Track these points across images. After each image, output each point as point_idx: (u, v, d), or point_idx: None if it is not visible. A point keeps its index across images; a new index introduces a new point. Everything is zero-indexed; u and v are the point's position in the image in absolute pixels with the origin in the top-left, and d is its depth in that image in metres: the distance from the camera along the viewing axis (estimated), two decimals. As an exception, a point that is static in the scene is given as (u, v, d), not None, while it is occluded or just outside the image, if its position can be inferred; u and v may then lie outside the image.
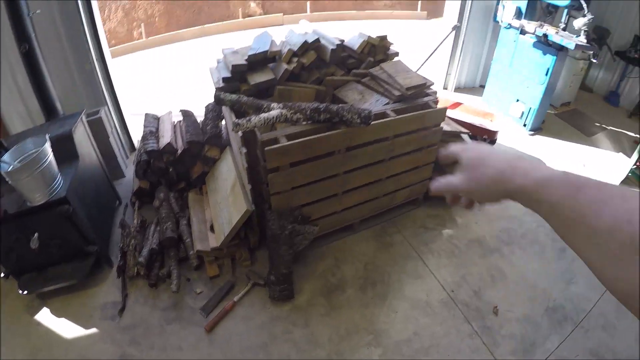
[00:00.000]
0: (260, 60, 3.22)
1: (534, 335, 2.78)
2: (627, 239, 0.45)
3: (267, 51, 3.19)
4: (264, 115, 2.57)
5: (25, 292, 2.87)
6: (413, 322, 2.85)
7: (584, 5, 4.12)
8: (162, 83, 7.00)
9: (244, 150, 2.74)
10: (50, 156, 2.69)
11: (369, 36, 3.41)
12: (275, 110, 2.62)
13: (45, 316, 2.93)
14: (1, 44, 3.42)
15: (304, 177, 2.82)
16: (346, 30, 3.85)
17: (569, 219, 0.54)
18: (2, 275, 2.95)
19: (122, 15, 9.36)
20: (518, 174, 0.64)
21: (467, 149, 0.78)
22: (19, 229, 2.70)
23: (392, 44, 3.62)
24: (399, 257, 3.33)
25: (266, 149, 2.50)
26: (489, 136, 4.23)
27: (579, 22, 4.23)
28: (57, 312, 2.95)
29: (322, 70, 3.36)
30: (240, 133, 2.66)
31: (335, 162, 2.86)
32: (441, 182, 0.79)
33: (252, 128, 2.54)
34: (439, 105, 3.17)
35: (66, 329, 2.84)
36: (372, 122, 2.68)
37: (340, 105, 2.65)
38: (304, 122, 2.70)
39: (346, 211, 3.29)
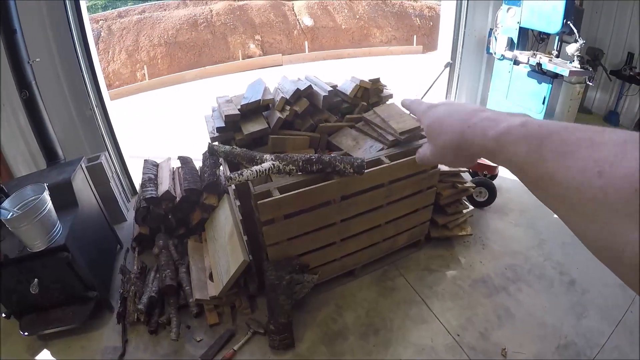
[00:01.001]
0: (253, 109, 3.26)
1: (545, 376, 2.68)
2: (599, 195, 0.39)
3: (260, 100, 3.23)
4: (256, 167, 2.57)
5: (27, 333, 2.89)
6: (418, 369, 2.76)
7: (575, 30, 4.15)
8: (163, 125, 7.13)
9: (238, 203, 2.74)
10: (49, 204, 2.73)
11: (361, 80, 3.44)
12: (268, 162, 2.63)
13: (45, 358, 2.92)
14: (3, 89, 3.53)
15: (300, 228, 2.80)
16: (344, 69, 3.91)
17: (536, 177, 0.47)
18: (4, 315, 2.97)
19: (126, 57, 9.64)
20: (477, 133, 0.57)
21: (423, 112, 0.70)
22: (20, 272, 2.74)
23: (386, 86, 3.65)
24: (402, 301, 3.26)
25: (259, 202, 2.50)
26: (489, 172, 4.21)
27: (572, 48, 4.27)
28: (57, 355, 2.94)
29: (316, 117, 3.39)
30: (233, 186, 2.67)
31: (331, 211, 2.84)
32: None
33: (244, 181, 2.55)
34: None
35: None
36: (366, 170, 2.68)
37: (332, 155, 2.65)
38: (298, 173, 2.70)
39: (346, 258, 3.24)
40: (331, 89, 3.37)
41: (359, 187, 2.84)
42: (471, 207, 3.85)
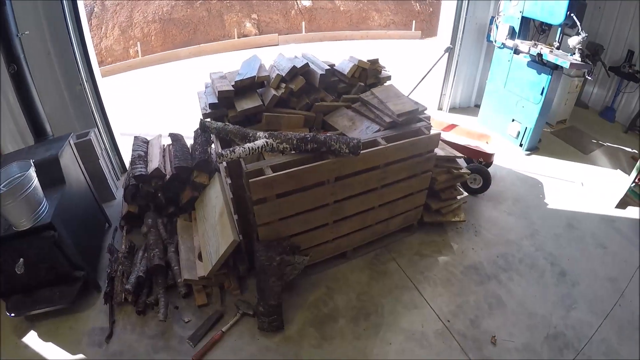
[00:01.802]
0: (248, 86, 3.17)
1: (533, 365, 2.68)
2: None
3: (255, 76, 3.15)
4: (249, 145, 2.50)
5: (13, 314, 2.84)
6: (408, 355, 2.75)
7: (578, 23, 4.10)
8: (155, 102, 6.99)
9: (229, 181, 2.67)
10: (35, 181, 2.66)
11: (360, 60, 3.36)
12: (261, 140, 2.55)
13: (32, 339, 2.88)
14: None
15: (292, 208, 2.75)
16: (340, 51, 3.82)
17: None
18: None
19: (119, 33, 9.41)
20: None
21: None
22: (5, 252, 2.68)
23: (384, 67, 3.58)
24: (393, 286, 3.24)
25: (251, 180, 2.44)
26: (484, 159, 4.17)
27: (573, 41, 4.22)
28: (44, 336, 2.89)
29: (312, 96, 3.31)
30: (224, 163, 2.60)
31: (324, 192, 2.79)
32: None
33: (236, 159, 2.48)
34: (434, 127, 3.12)
35: (53, 353, 2.79)
36: (362, 151, 2.62)
37: (328, 134, 2.59)
38: (291, 152, 2.64)
39: (338, 240, 3.21)
40: (328, 67, 3.30)
41: (354, 168, 2.79)
42: (465, 194, 3.82)
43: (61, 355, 2.77)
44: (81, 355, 2.77)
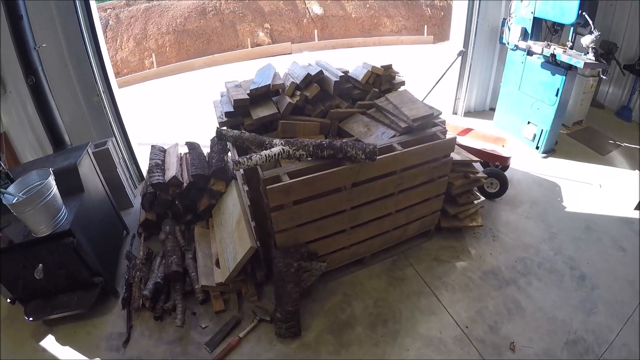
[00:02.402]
0: (263, 94, 3.21)
1: (553, 371, 2.63)
2: None
3: (269, 85, 3.18)
4: (265, 152, 2.52)
5: (32, 318, 2.90)
6: (426, 361, 2.72)
7: (590, 22, 4.05)
8: (171, 112, 7.10)
9: (246, 188, 2.69)
10: (54, 189, 2.73)
11: (373, 66, 3.37)
12: (278, 147, 2.58)
13: (50, 343, 2.93)
14: (9, 77, 3.53)
15: (309, 214, 2.76)
16: (353, 58, 3.84)
17: None
18: (9, 300, 2.98)
19: (134, 45, 9.61)
20: None
21: None
22: (25, 258, 2.74)
23: (398, 72, 3.58)
24: (411, 292, 3.22)
25: (268, 187, 2.45)
26: (501, 162, 4.14)
27: (587, 40, 4.17)
28: (62, 340, 2.95)
29: (327, 103, 3.33)
30: (241, 171, 2.62)
31: (341, 198, 2.80)
32: None
33: (253, 166, 2.50)
34: (450, 132, 3.11)
35: (71, 357, 2.83)
36: (378, 157, 2.62)
37: (344, 140, 2.60)
38: (308, 159, 2.65)
39: (355, 246, 3.20)
40: (342, 74, 3.31)
41: (371, 174, 2.78)
42: (482, 198, 3.79)
43: (78, 359, 2.82)
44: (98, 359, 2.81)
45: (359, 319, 3.02)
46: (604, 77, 4.71)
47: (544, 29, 4.92)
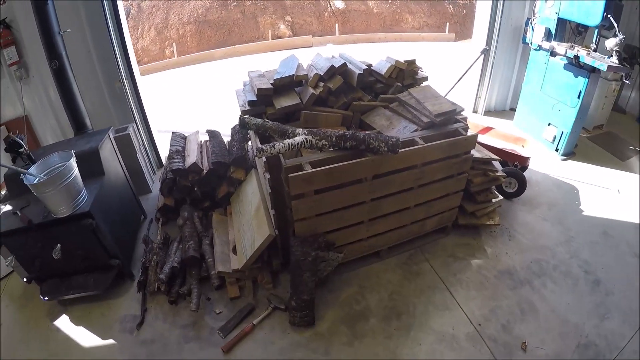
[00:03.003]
0: (286, 84, 3.23)
1: (563, 373, 2.62)
2: None
3: (293, 75, 3.20)
4: (288, 141, 2.55)
5: (47, 298, 2.96)
6: (438, 356, 2.73)
7: (615, 24, 3.99)
8: (191, 101, 7.14)
9: (268, 176, 2.72)
10: (76, 171, 2.77)
11: (397, 60, 3.37)
12: (300, 137, 2.59)
13: (64, 323, 2.98)
14: (33, 61, 3.60)
15: (329, 205, 2.77)
16: (374, 53, 3.83)
17: None
18: (25, 279, 3.03)
19: (155, 34, 9.69)
20: None
21: None
22: (44, 238, 2.79)
23: (421, 68, 3.57)
24: (426, 287, 3.23)
25: (290, 175, 2.48)
26: (520, 162, 4.10)
27: (611, 43, 4.11)
28: (76, 320, 2.99)
29: (349, 95, 3.34)
30: (264, 158, 2.65)
31: (361, 189, 2.81)
32: None
33: (275, 154, 2.52)
34: (470, 130, 3.09)
35: (84, 337, 2.88)
36: (400, 150, 2.63)
37: (366, 132, 2.61)
38: (330, 149, 2.67)
39: (373, 238, 3.21)
40: (366, 67, 3.32)
41: (392, 167, 2.79)
42: (500, 197, 3.77)
43: (92, 339, 2.86)
44: (111, 341, 2.85)
45: (374, 311, 3.03)
46: (627, 82, 4.63)
47: (567, 31, 4.85)
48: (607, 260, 3.49)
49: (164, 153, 4.82)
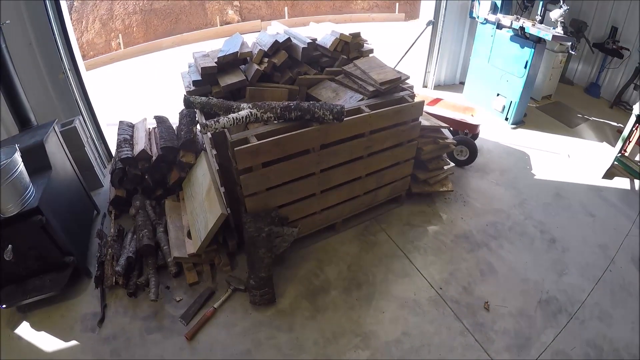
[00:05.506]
0: (230, 62, 3.16)
1: (528, 329, 2.72)
2: None
3: (237, 52, 3.13)
4: (233, 115, 2.50)
5: (4, 306, 2.81)
6: (402, 322, 2.78)
7: (559, -4, 4.13)
8: (139, 92, 6.91)
9: (214, 152, 2.66)
10: (21, 166, 2.63)
11: (342, 33, 3.35)
12: (245, 110, 2.55)
13: (25, 330, 2.84)
14: None
15: (279, 177, 2.75)
16: (324, 32, 3.80)
17: None
18: None
19: (100, 26, 9.28)
20: None
21: None
22: None
23: (366, 40, 3.57)
24: (384, 256, 3.26)
25: (236, 149, 2.43)
26: (470, 130, 4.20)
27: (555, 14, 4.26)
28: (37, 326, 2.87)
29: (295, 70, 3.30)
30: (209, 134, 2.59)
31: (310, 160, 2.79)
32: None
33: (220, 129, 2.47)
34: (417, 98, 3.12)
35: (47, 342, 2.76)
36: (346, 118, 2.62)
37: (311, 102, 2.59)
38: (275, 121, 2.64)
39: (326, 211, 3.21)
40: (310, 41, 3.29)
41: (339, 135, 2.79)
42: (452, 164, 3.85)
43: (55, 343, 2.75)
44: (74, 342, 2.74)
45: (333, 283, 3.04)
46: (573, 53, 4.82)
47: (514, 5, 5.00)
48: (561, 220, 3.64)
49: (113, 147, 4.64)
